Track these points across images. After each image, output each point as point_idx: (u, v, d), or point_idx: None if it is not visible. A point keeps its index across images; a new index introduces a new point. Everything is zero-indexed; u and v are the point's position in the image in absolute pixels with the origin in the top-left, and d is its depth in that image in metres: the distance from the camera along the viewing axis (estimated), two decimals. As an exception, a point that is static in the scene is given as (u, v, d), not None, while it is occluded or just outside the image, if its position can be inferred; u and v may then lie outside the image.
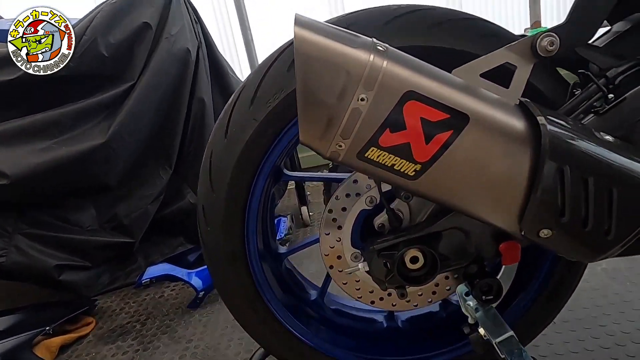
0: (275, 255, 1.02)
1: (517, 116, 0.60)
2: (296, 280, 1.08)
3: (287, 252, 1.04)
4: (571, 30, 0.65)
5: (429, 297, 0.90)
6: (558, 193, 0.59)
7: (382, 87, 0.55)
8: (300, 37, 0.55)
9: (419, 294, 0.89)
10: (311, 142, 0.60)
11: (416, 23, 0.73)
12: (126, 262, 2.03)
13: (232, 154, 0.80)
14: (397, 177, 0.61)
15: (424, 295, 0.89)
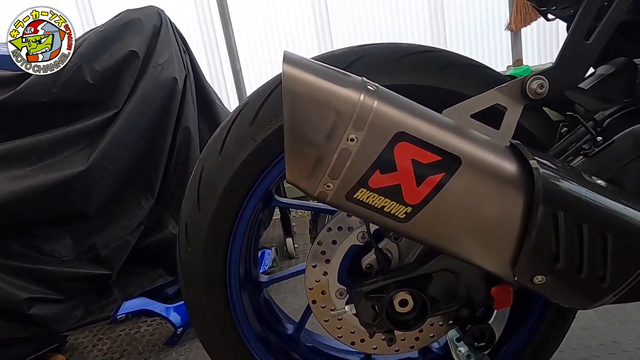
0: (255, 283, 0.97)
1: (509, 159, 0.59)
2: (274, 313, 1.03)
3: (269, 282, 1.00)
4: (560, 74, 0.65)
5: (412, 342, 0.86)
6: (552, 239, 0.57)
7: (373, 128, 0.54)
8: (288, 74, 0.53)
9: (401, 339, 0.85)
10: (298, 181, 0.58)
11: (426, 63, 0.73)
12: (102, 295, 1.95)
13: (225, 172, 0.76)
14: (387, 219, 0.59)
15: (406, 340, 0.85)
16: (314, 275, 0.83)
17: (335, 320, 0.85)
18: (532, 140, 0.76)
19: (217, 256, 0.81)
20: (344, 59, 0.71)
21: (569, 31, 0.66)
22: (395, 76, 0.73)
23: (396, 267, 0.79)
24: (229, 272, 0.83)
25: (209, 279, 0.82)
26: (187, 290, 0.84)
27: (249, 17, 2.91)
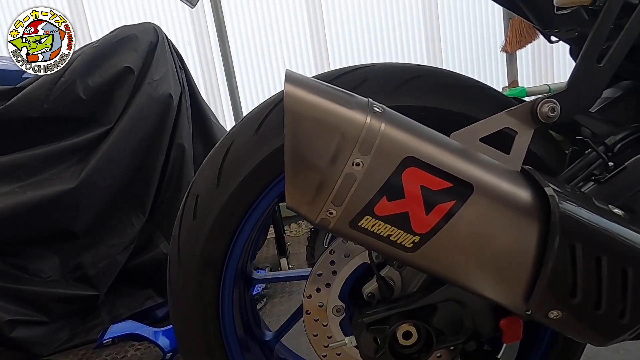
0: (247, 279, 0.92)
1: (523, 186, 0.56)
2: (256, 313, 0.98)
3: (261, 280, 0.95)
4: (572, 97, 0.63)
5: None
6: (569, 272, 0.53)
7: (380, 152, 0.51)
8: (291, 95, 0.50)
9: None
10: (299, 207, 0.54)
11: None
12: (88, 316, 1.88)
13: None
14: (393, 248, 0.55)
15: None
16: (316, 284, 0.78)
17: (325, 338, 0.80)
18: (541, 166, 0.73)
19: (208, 294, 0.77)
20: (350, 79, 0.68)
21: (581, 54, 0.64)
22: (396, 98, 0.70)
23: (399, 297, 0.75)
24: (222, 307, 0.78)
25: (202, 315, 0.77)
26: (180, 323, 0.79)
27: (246, 35, 2.92)
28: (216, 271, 0.76)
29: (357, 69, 0.71)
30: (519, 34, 2.86)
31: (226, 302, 0.80)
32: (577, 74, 0.63)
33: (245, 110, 2.92)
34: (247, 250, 0.83)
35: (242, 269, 0.87)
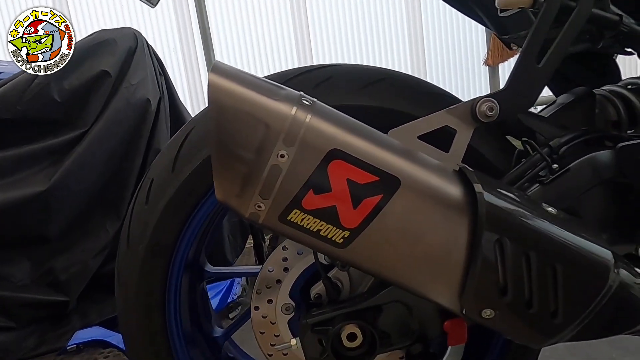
0: (199, 269, 0.90)
1: (454, 182, 0.56)
2: (207, 307, 0.96)
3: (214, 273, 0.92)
4: (511, 96, 0.63)
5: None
6: (498, 268, 0.53)
7: (305, 144, 0.50)
8: (215, 85, 0.50)
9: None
10: (228, 200, 0.53)
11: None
12: (58, 323, 1.84)
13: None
14: (324, 244, 0.54)
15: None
16: (267, 280, 0.76)
17: (272, 337, 0.78)
18: (488, 167, 0.73)
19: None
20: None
21: (520, 54, 0.64)
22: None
23: (346, 298, 0.74)
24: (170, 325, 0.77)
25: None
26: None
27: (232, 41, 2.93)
28: (164, 257, 0.74)
29: (325, 67, 0.72)
30: (501, 47, 2.89)
31: (172, 291, 0.79)
32: (516, 74, 0.63)
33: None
34: (199, 240, 0.82)
35: (194, 259, 0.86)
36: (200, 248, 0.86)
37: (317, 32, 2.98)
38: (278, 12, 2.93)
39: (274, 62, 2.98)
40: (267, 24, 2.94)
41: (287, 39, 2.95)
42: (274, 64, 2.97)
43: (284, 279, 0.76)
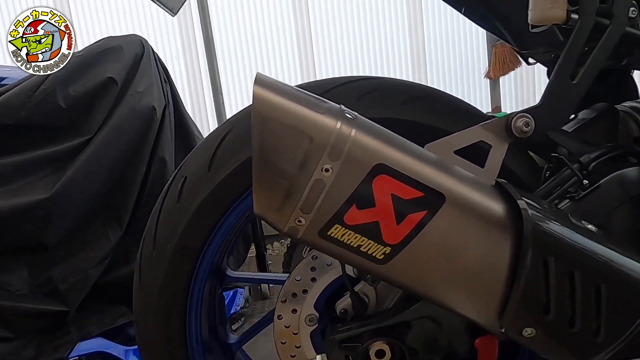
0: (221, 274, 0.88)
1: (496, 198, 0.55)
2: (223, 312, 0.95)
3: (235, 277, 0.91)
4: (546, 113, 0.63)
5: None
6: (542, 287, 0.52)
7: (350, 158, 0.49)
8: (260, 97, 0.49)
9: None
10: (267, 214, 0.52)
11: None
12: (56, 333, 1.79)
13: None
14: (364, 259, 0.53)
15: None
16: (293, 289, 0.75)
17: (292, 348, 0.76)
18: (517, 182, 0.73)
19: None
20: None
21: (554, 70, 0.64)
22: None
23: (373, 313, 0.72)
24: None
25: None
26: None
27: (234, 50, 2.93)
28: (191, 260, 0.73)
29: (370, 79, 0.72)
30: (502, 60, 2.92)
31: (195, 295, 0.76)
32: (551, 90, 0.63)
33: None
34: (226, 244, 0.80)
35: (218, 264, 0.84)
36: (224, 252, 0.84)
37: (320, 43, 2.99)
38: (282, 21, 2.93)
39: (276, 70, 2.98)
40: (271, 32, 2.94)
41: (289, 48, 2.96)
42: (276, 72, 2.97)
43: (310, 289, 0.75)
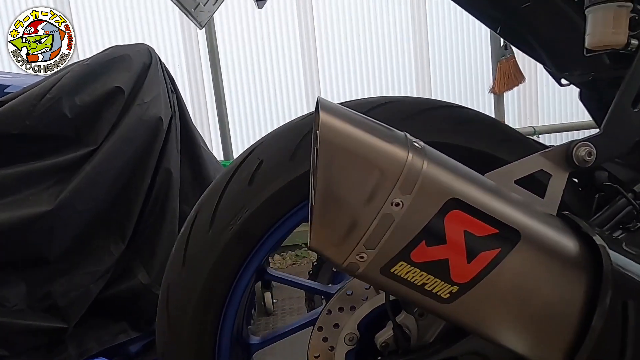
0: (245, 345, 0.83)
1: (568, 234, 0.52)
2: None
3: (260, 344, 0.85)
4: (608, 141, 0.60)
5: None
6: (619, 331, 0.49)
7: (423, 192, 0.46)
8: (327, 125, 0.46)
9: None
10: (324, 248, 0.49)
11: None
12: (53, 351, 1.72)
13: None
14: (427, 298, 0.50)
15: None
16: (342, 303, 0.71)
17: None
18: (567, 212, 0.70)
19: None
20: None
21: (616, 98, 0.62)
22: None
23: (416, 347, 0.68)
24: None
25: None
26: None
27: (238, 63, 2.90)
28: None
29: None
30: (507, 76, 2.94)
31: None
32: (613, 118, 0.61)
33: (234, 138, 2.87)
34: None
35: (240, 329, 0.80)
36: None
37: (324, 53, 2.97)
38: (287, 33, 2.91)
39: (280, 83, 2.95)
40: (275, 42, 2.92)
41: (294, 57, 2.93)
42: (280, 85, 2.94)
43: (359, 306, 0.71)
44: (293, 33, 2.92)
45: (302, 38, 2.94)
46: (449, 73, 3.11)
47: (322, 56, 2.99)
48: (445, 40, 3.10)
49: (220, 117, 2.77)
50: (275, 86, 2.95)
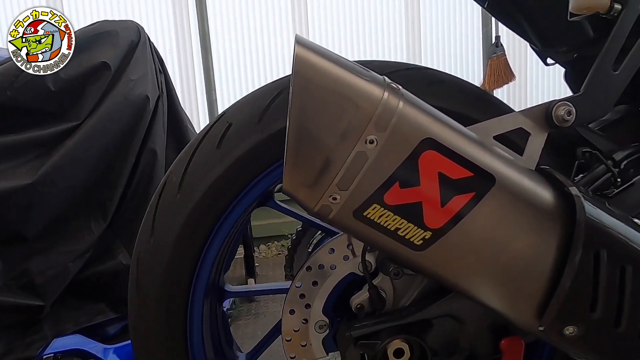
0: (219, 291, 0.83)
1: (544, 184, 0.52)
2: (228, 332, 0.88)
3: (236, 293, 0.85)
4: (588, 102, 0.60)
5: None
6: (591, 282, 0.49)
7: (397, 130, 0.45)
8: (302, 58, 0.44)
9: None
10: (297, 190, 0.47)
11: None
12: (29, 329, 1.68)
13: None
14: (400, 245, 0.49)
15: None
16: (296, 297, 0.70)
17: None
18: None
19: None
20: None
21: (597, 60, 0.62)
22: None
23: (391, 310, 0.68)
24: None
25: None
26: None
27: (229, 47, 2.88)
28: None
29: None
30: (497, 73, 2.96)
31: (195, 309, 0.71)
32: (593, 80, 0.61)
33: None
34: (222, 256, 0.75)
35: (216, 279, 0.79)
36: (220, 267, 0.79)
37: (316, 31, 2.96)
38: (279, 17, 2.90)
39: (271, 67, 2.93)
40: (267, 28, 2.90)
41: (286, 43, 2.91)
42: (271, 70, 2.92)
43: (316, 293, 0.70)
44: (285, 17, 2.91)
45: (294, 22, 2.93)
46: (440, 68, 3.13)
47: (315, 32, 2.98)
48: (437, 37, 3.12)
49: (209, 103, 2.75)
50: (266, 71, 2.93)
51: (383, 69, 0.67)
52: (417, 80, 0.69)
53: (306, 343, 0.71)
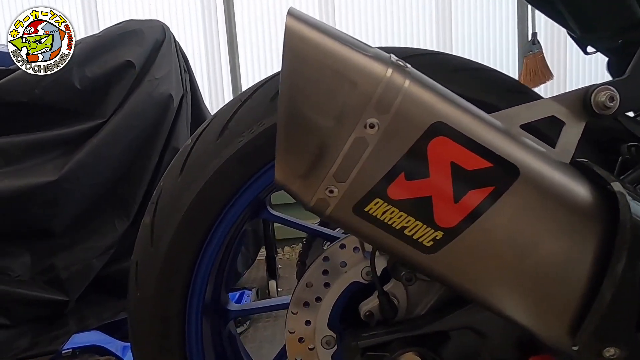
0: (222, 312, 0.79)
1: (580, 179, 0.44)
2: (238, 355, 0.83)
3: (239, 312, 0.81)
4: (633, 87, 0.52)
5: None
6: (637, 296, 0.41)
7: (402, 112, 0.39)
8: (294, 31, 0.39)
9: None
10: (291, 182, 0.42)
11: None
12: (54, 323, 1.72)
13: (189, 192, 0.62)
14: (407, 246, 0.43)
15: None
16: (300, 314, 0.64)
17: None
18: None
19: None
20: None
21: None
22: None
23: (403, 319, 0.61)
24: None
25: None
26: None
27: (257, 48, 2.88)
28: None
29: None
30: (533, 72, 2.82)
31: (193, 325, 0.68)
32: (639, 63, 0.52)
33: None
34: (219, 272, 0.72)
35: (215, 296, 0.75)
36: (220, 283, 0.75)
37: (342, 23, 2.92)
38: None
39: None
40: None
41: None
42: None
43: (319, 308, 0.64)
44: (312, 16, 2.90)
45: (321, 11, 2.90)
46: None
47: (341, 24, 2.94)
48: (470, 34, 3.01)
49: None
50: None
51: (405, 52, 0.61)
52: (442, 66, 0.62)
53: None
